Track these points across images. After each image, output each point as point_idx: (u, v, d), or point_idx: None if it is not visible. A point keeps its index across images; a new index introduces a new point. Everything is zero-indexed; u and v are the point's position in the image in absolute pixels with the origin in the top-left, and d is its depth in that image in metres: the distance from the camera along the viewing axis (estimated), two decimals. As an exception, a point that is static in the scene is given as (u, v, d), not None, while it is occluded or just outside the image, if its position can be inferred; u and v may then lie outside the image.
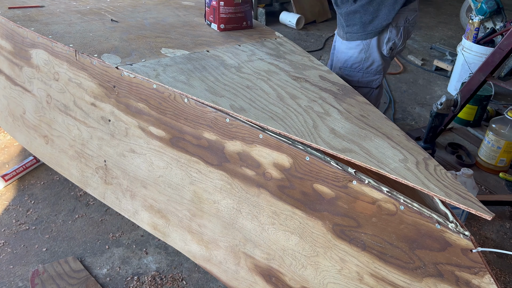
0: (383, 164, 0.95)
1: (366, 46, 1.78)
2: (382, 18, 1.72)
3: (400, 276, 0.92)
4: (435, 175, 0.93)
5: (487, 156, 2.54)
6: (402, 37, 1.80)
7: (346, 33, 1.82)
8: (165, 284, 1.69)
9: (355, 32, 1.78)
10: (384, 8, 1.71)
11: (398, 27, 1.76)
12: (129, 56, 1.48)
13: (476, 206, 0.84)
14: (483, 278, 0.82)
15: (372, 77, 1.84)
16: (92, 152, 1.57)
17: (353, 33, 1.79)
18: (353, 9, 1.74)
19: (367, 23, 1.73)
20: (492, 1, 3.07)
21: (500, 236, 2.06)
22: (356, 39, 1.79)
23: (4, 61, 1.92)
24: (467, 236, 0.83)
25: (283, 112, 1.16)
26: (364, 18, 1.73)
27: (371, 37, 1.76)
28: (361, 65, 1.82)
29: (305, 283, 1.09)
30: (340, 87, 1.36)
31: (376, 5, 1.70)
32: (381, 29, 1.74)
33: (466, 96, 2.43)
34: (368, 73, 1.83)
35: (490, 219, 0.81)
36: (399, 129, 1.12)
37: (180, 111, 1.27)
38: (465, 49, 3.47)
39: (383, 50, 1.79)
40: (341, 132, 1.08)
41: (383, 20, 1.72)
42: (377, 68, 1.82)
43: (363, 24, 1.74)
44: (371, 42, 1.77)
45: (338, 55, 1.90)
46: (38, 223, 1.96)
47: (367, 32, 1.75)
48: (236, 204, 1.20)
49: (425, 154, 1.01)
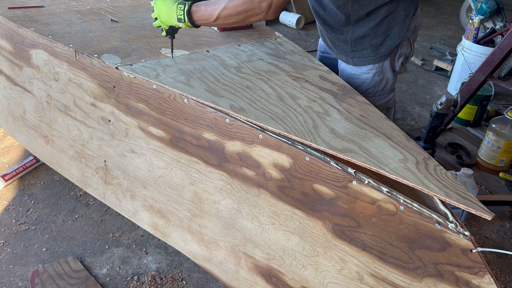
0: (383, 164, 0.95)
1: (379, 69, 1.57)
2: (394, 37, 1.51)
3: (400, 276, 0.92)
4: (435, 175, 0.93)
5: (487, 156, 2.54)
6: (411, 47, 1.63)
7: (352, 58, 1.59)
8: (165, 284, 1.69)
9: (365, 57, 1.56)
10: (395, 26, 1.50)
11: (408, 39, 1.59)
12: (129, 57, 1.48)
13: (476, 206, 0.84)
14: (483, 278, 0.82)
15: (387, 97, 1.67)
16: (92, 152, 1.57)
17: (362, 58, 1.57)
18: (360, 34, 1.51)
19: (379, 45, 1.52)
20: (492, 1, 3.07)
21: (500, 236, 2.06)
22: (367, 64, 1.57)
23: (4, 61, 1.92)
24: (467, 236, 0.83)
25: (283, 113, 1.16)
26: (375, 41, 1.51)
27: (384, 59, 1.55)
28: (375, 88, 1.63)
29: (305, 283, 1.09)
30: (340, 87, 1.36)
31: (386, 25, 1.49)
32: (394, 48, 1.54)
33: (466, 96, 2.43)
34: (383, 94, 1.65)
35: (490, 219, 0.81)
36: (399, 129, 1.12)
37: (180, 112, 1.27)
38: (465, 49, 3.47)
39: (395, 67, 1.61)
40: (341, 132, 1.08)
41: (396, 39, 1.52)
42: (391, 87, 1.65)
43: (374, 47, 1.52)
44: (384, 64, 1.57)
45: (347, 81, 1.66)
46: (38, 223, 1.96)
47: (379, 55, 1.54)
48: (236, 204, 1.20)
49: (425, 154, 1.01)
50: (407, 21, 1.51)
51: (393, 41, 1.52)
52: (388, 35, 1.51)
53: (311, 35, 4.92)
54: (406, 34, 1.53)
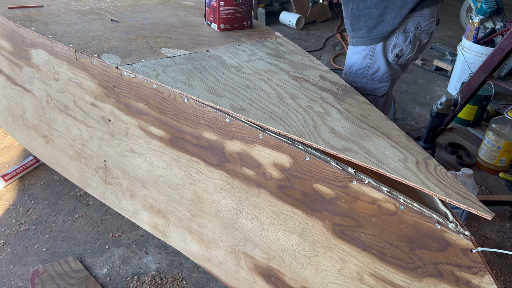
0: (383, 164, 0.95)
1: (371, 52, 1.70)
2: (387, 23, 1.63)
3: (400, 276, 0.92)
4: (435, 175, 0.93)
5: (487, 156, 2.54)
6: (411, 45, 1.69)
7: (352, 38, 1.75)
8: (165, 284, 1.69)
9: (360, 37, 1.71)
10: (390, 12, 1.61)
11: (406, 33, 1.67)
12: (129, 56, 1.48)
13: (476, 205, 0.84)
14: (483, 278, 0.82)
15: (377, 85, 1.76)
16: (92, 151, 1.57)
17: (358, 38, 1.72)
18: (358, 12, 1.66)
19: (372, 27, 1.65)
20: (492, 1, 3.06)
21: (500, 236, 2.06)
22: (361, 44, 1.72)
23: (4, 61, 1.92)
24: (467, 236, 0.83)
25: (283, 112, 1.16)
26: (369, 23, 1.65)
27: (375, 42, 1.67)
28: (365, 71, 1.74)
29: (305, 283, 1.09)
30: (340, 87, 1.36)
31: (382, 9, 1.62)
32: (386, 34, 1.65)
33: (466, 96, 2.43)
34: (373, 80, 1.75)
35: (490, 219, 0.81)
36: (399, 129, 1.12)
37: (180, 111, 1.27)
38: (465, 49, 3.46)
39: (388, 56, 1.71)
40: (341, 132, 1.08)
41: (388, 25, 1.63)
42: (382, 76, 1.74)
43: (368, 29, 1.67)
44: (376, 48, 1.69)
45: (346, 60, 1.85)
46: (38, 223, 1.96)
47: (371, 37, 1.67)
48: (236, 204, 1.20)
49: (425, 154, 1.01)
50: (404, 11, 1.61)
51: (385, 26, 1.64)
52: (382, 20, 1.63)
53: (311, 35, 4.92)
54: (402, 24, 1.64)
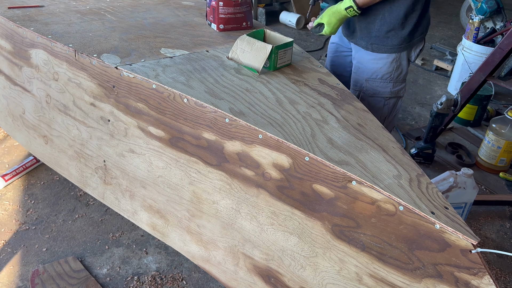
0: (377, 180, 0.95)
1: (398, 56, 1.71)
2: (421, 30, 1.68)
3: (399, 276, 0.92)
4: (427, 194, 0.93)
5: (487, 156, 2.54)
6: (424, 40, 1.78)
7: (372, 44, 1.70)
8: (165, 284, 1.69)
9: (389, 45, 1.68)
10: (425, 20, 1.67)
11: None
12: (129, 56, 1.48)
13: (464, 229, 0.84)
14: (483, 279, 0.81)
15: (400, 85, 1.78)
16: (92, 151, 1.57)
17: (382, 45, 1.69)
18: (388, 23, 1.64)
19: (406, 36, 1.66)
20: (492, 1, 3.06)
21: (500, 236, 2.06)
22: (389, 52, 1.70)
23: (4, 61, 1.92)
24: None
25: (281, 118, 1.16)
26: (402, 33, 1.65)
27: (406, 49, 1.70)
28: (392, 75, 1.74)
29: (304, 284, 1.09)
30: (339, 92, 1.35)
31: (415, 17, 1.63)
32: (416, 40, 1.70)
33: (466, 96, 2.43)
34: (398, 82, 1.76)
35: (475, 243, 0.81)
36: (395, 141, 1.12)
37: (179, 112, 1.27)
38: (465, 49, 3.46)
39: (411, 57, 1.75)
40: (338, 143, 1.08)
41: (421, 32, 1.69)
42: (404, 76, 1.77)
43: (401, 38, 1.66)
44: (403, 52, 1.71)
45: (361, 66, 1.78)
46: (38, 223, 1.96)
47: (404, 45, 1.68)
48: (235, 204, 1.20)
49: (418, 170, 1.01)
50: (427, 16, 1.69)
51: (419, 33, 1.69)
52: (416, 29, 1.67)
53: (311, 35, 4.91)
54: None
